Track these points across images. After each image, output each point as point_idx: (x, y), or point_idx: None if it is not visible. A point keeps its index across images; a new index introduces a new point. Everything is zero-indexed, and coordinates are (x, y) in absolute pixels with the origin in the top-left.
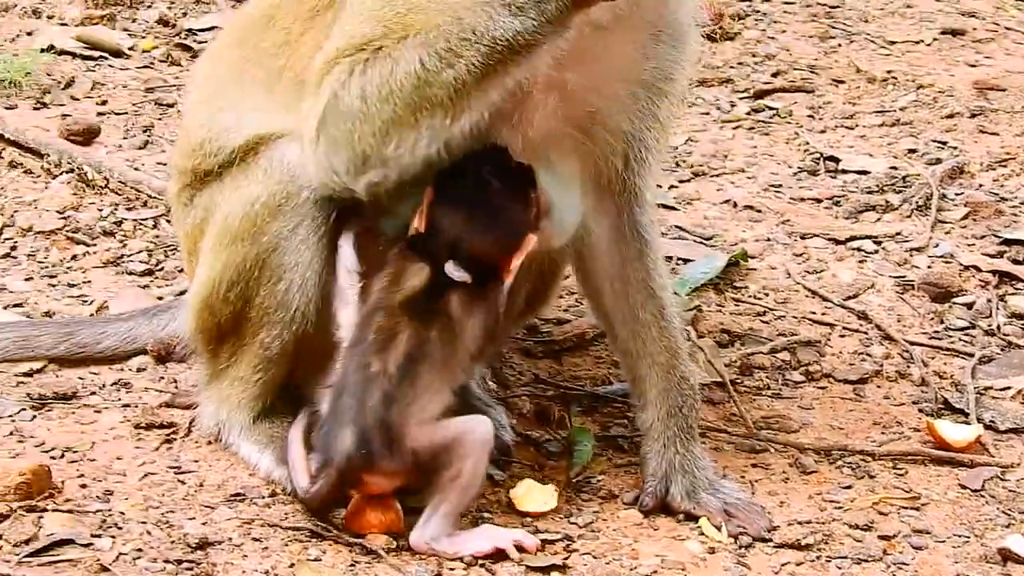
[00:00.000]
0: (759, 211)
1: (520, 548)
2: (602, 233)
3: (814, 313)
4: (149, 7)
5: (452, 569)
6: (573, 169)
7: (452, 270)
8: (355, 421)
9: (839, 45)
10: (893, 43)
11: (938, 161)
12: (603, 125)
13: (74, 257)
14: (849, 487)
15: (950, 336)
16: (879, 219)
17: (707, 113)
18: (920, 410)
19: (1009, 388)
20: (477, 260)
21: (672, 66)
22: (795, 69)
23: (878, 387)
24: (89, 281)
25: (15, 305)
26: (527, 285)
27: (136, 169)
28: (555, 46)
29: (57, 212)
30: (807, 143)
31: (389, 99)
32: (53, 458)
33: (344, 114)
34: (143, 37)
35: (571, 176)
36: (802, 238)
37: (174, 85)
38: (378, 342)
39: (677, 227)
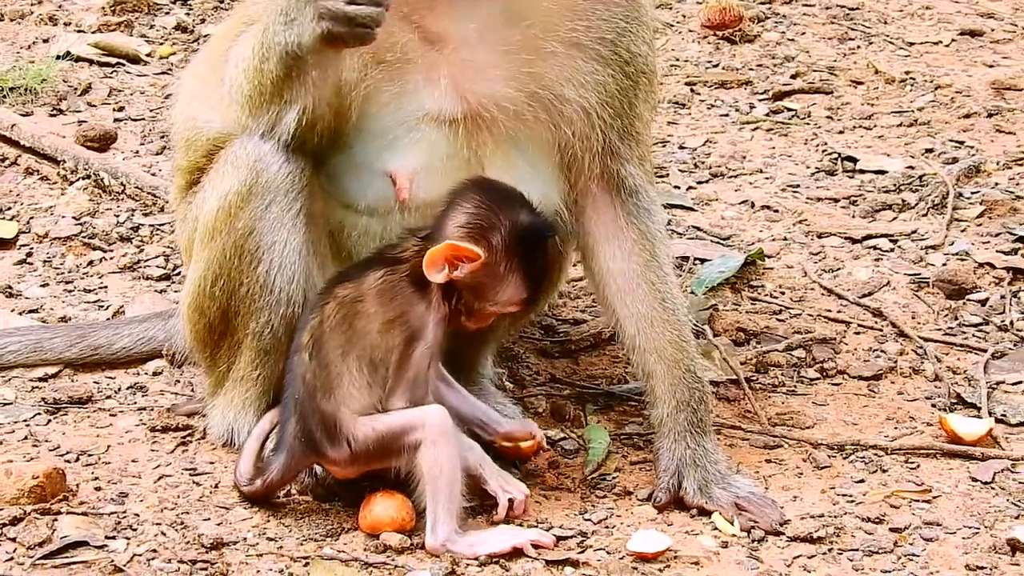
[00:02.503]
0: (776, 211)
1: (537, 546)
2: (597, 225)
3: (829, 311)
4: (167, 14)
5: (467, 566)
6: (537, 142)
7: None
8: (296, 410)
9: (858, 47)
10: (911, 44)
11: (955, 160)
12: (552, 91)
13: (90, 263)
14: (861, 481)
15: (964, 332)
16: (895, 218)
17: (726, 115)
18: (933, 405)
19: (1021, 382)
20: (437, 225)
21: (607, 26)
22: (814, 71)
23: (892, 383)
24: (105, 287)
25: (31, 311)
26: None
27: (153, 175)
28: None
29: (73, 218)
30: (825, 144)
31: (238, 74)
32: (68, 461)
33: (230, 83)
34: (161, 43)
35: (533, 149)
36: (819, 237)
37: None
38: (301, 326)
39: (694, 227)
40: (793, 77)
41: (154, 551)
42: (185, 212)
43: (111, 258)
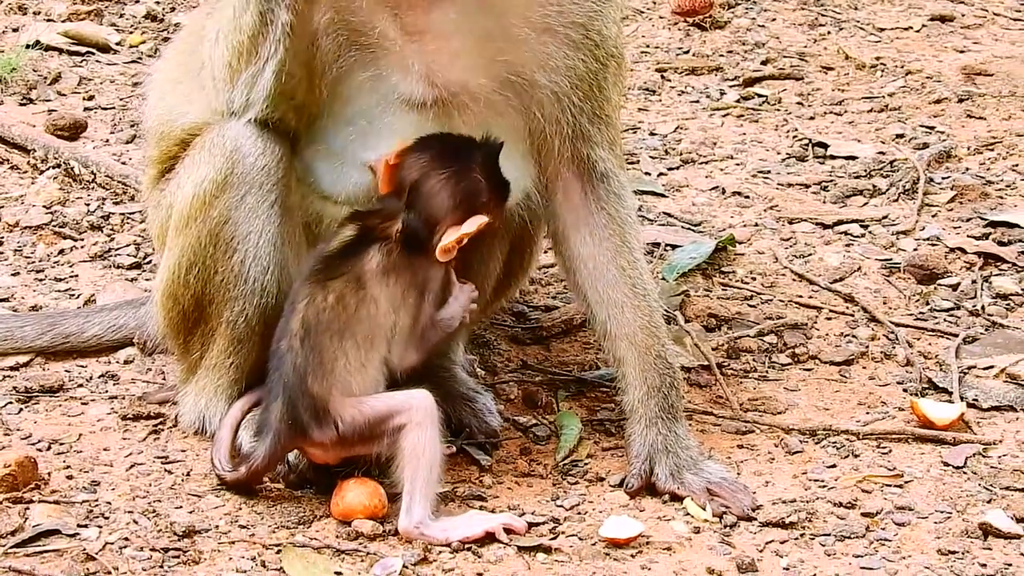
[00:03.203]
0: (747, 197)
1: (509, 531)
2: (567, 210)
3: (801, 296)
4: (137, 2)
5: (439, 552)
6: (509, 128)
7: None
8: (282, 394)
9: (828, 32)
10: (882, 30)
11: (925, 146)
12: (523, 77)
13: (61, 252)
14: (833, 466)
15: (935, 317)
16: (866, 203)
17: (696, 101)
18: (905, 390)
19: (992, 367)
20: (423, 211)
21: (579, 10)
22: (784, 56)
23: (863, 368)
24: (76, 275)
25: (2, 300)
26: (501, 255)
27: (123, 163)
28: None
29: (44, 207)
30: (796, 129)
31: (217, 44)
32: (40, 450)
33: (209, 60)
34: (130, 32)
35: (505, 134)
36: (790, 223)
37: None
38: (288, 313)
39: (665, 214)
40: (763, 63)
41: (126, 539)
42: (158, 199)
43: (82, 247)
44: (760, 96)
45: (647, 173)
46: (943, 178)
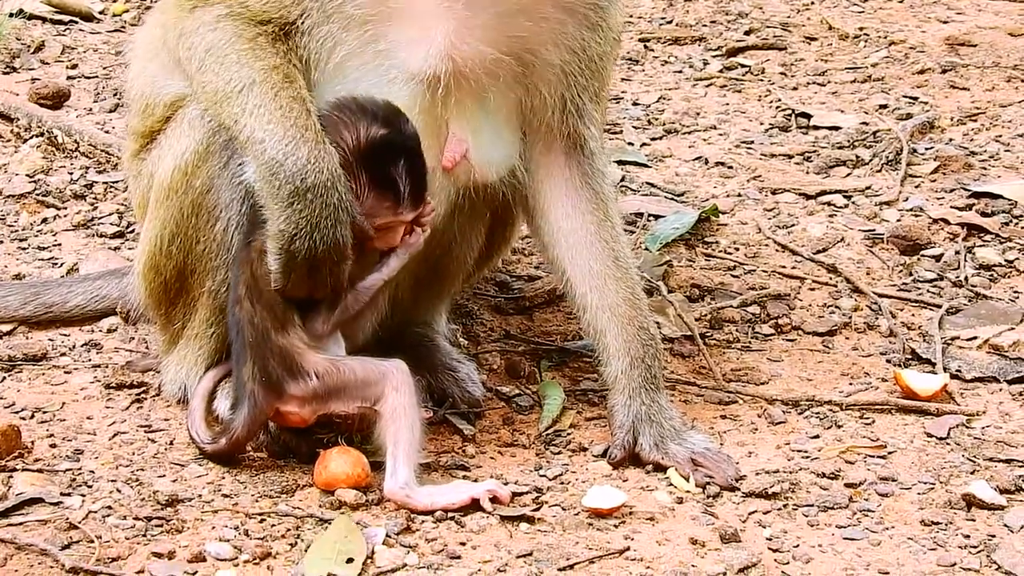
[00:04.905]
0: (730, 167)
1: (494, 499)
2: (551, 185)
3: (784, 267)
4: None
5: (422, 522)
6: (506, 103)
7: None
8: (250, 355)
9: (812, 3)
10: (865, 0)
11: (909, 116)
12: (535, 54)
13: (44, 220)
14: (817, 437)
15: (918, 288)
16: (849, 174)
17: (680, 71)
18: (888, 361)
19: (976, 338)
20: None
21: None
22: (768, 27)
23: (847, 339)
24: (59, 244)
25: None
26: (483, 225)
27: (107, 132)
28: None
29: (27, 176)
30: (779, 100)
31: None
32: (23, 419)
33: (186, 63)
34: (114, 1)
35: (500, 109)
36: (773, 193)
37: None
38: (234, 282)
39: (649, 184)
40: (747, 33)
41: (109, 508)
42: (139, 169)
43: (65, 216)
44: (743, 66)
45: (630, 143)
46: (926, 149)
